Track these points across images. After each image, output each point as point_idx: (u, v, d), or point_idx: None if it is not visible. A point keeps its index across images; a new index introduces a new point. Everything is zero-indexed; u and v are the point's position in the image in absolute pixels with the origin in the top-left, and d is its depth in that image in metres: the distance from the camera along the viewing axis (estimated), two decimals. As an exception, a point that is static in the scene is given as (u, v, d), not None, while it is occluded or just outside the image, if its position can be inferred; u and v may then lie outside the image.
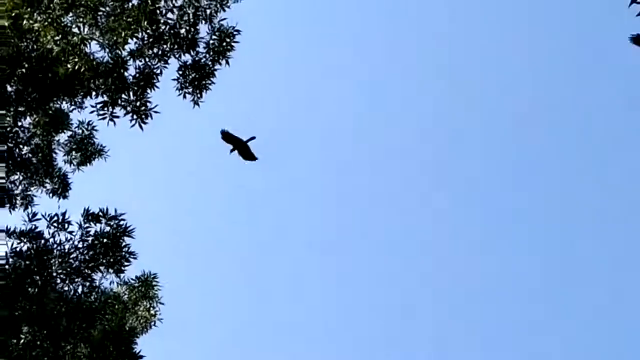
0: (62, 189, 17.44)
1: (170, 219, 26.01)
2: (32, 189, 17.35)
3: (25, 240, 14.78)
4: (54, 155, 17.44)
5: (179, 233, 25.44)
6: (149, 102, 15.43)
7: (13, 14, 15.04)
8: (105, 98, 15.51)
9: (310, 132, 27.01)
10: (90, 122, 17.52)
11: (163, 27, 15.23)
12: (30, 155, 17.19)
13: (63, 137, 17.58)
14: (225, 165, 25.99)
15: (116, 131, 15.59)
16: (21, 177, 17.17)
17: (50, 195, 17.39)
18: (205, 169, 26.39)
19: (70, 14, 15.27)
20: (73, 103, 16.88)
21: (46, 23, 15.17)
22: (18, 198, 17.16)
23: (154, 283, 16.48)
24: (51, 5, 15.02)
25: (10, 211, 16.92)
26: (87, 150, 17.62)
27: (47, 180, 17.40)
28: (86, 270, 14.84)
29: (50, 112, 17.03)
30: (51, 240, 14.84)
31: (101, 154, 17.69)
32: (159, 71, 15.44)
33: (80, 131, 17.56)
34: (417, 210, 26.65)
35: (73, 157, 17.60)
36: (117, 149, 17.82)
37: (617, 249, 25.63)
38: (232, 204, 26.32)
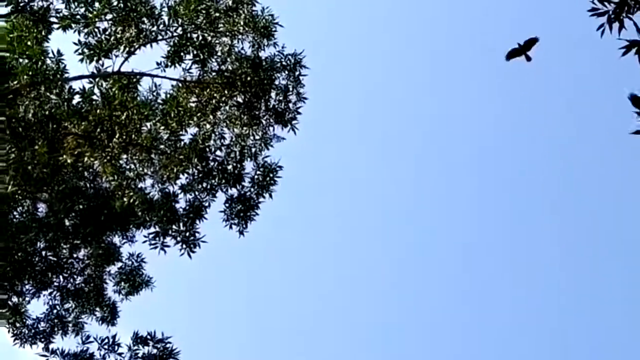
0: (111, 316, 18.34)
1: (215, 343, 26.75)
2: (83, 316, 18.26)
3: (77, 362, 15.64)
4: (104, 285, 18.43)
5: (224, 354, 26.11)
6: (198, 232, 16.65)
7: (75, 152, 16.36)
8: (157, 229, 16.74)
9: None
10: (140, 255, 18.46)
11: (212, 163, 16.63)
12: (82, 284, 18.22)
13: (113, 268, 18.56)
14: (268, 291, 27.02)
15: (166, 259, 16.74)
16: (74, 306, 18.12)
17: (100, 322, 18.28)
18: (250, 295, 27.29)
19: (127, 153, 16.72)
20: (124, 237, 18.05)
21: (105, 161, 16.59)
22: (70, 325, 18.08)
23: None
24: (110, 144, 16.41)
25: (62, 337, 17.82)
26: (135, 281, 18.53)
27: (97, 309, 18.30)
28: (134, 392, 15.64)
29: (103, 245, 18.14)
30: (102, 361, 15.70)
31: (148, 284, 18.60)
32: (207, 204, 16.72)
33: (129, 263, 18.50)
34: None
35: (122, 287, 18.51)
36: (166, 275, 18.79)
37: None
38: (274, 328, 27.05)
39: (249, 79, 16.42)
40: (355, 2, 25.85)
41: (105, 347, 15.97)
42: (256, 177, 16.77)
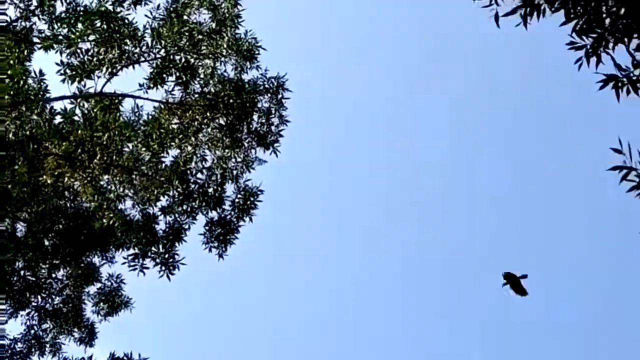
0: (89, 337, 18.27)
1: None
2: (60, 337, 18.19)
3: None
4: (83, 305, 18.37)
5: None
6: (177, 254, 16.63)
7: (56, 173, 16.31)
8: (137, 250, 16.71)
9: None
10: (119, 276, 18.40)
11: (193, 185, 16.62)
12: (61, 305, 18.15)
13: (93, 289, 18.50)
14: (246, 314, 26.99)
15: (144, 281, 16.70)
16: (51, 326, 18.04)
17: (78, 343, 18.22)
18: (228, 318, 27.26)
19: (108, 174, 16.69)
20: (104, 257, 18.02)
21: (85, 182, 16.56)
22: (47, 346, 18.00)
23: None
24: (91, 165, 16.38)
25: (39, 357, 17.74)
26: (114, 301, 18.47)
27: (76, 329, 18.24)
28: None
29: (82, 265, 18.08)
30: (78, 383, 15.63)
31: (127, 305, 18.53)
32: (187, 226, 16.70)
33: (109, 284, 18.44)
34: None
35: (101, 307, 18.45)
36: (145, 296, 18.74)
37: None
38: (253, 351, 26.99)
39: (231, 101, 16.43)
40: (337, 26, 25.95)
41: (81, 368, 15.91)
42: (237, 200, 16.79)
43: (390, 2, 24.05)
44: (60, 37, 15.82)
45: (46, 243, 17.44)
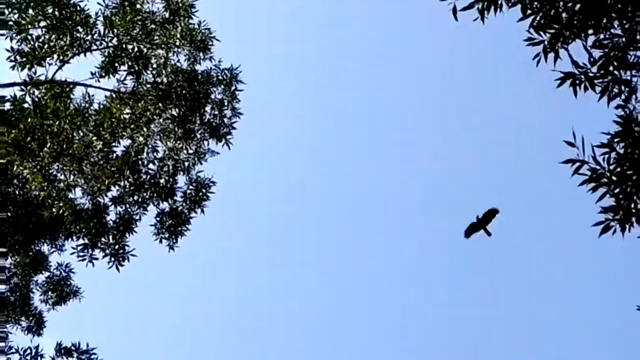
0: (37, 326, 18.08)
1: (141, 357, 26.60)
2: (7, 326, 17.96)
3: (-2, 374, 15.40)
4: (31, 294, 18.17)
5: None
6: (127, 245, 16.49)
7: (4, 160, 16.07)
8: (86, 241, 16.56)
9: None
10: (68, 265, 18.17)
11: (144, 176, 16.46)
12: (8, 293, 17.93)
13: (41, 277, 18.30)
14: (196, 306, 26.98)
15: (93, 271, 16.56)
16: (-2, 315, 17.82)
17: (25, 332, 18.03)
18: (178, 309, 27.19)
19: (58, 162, 16.48)
20: (53, 245, 17.81)
21: (35, 170, 16.35)
22: (-7, 335, 17.78)
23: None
24: (40, 153, 16.17)
25: (-16, 346, 17.50)
26: (63, 291, 18.27)
27: (23, 318, 18.05)
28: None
29: (31, 253, 17.88)
30: (24, 374, 15.47)
31: (76, 294, 18.34)
32: (138, 217, 16.56)
33: (58, 272, 18.24)
34: None
35: (49, 296, 18.25)
36: (94, 288, 18.61)
37: None
38: (205, 342, 26.96)
39: (184, 92, 16.29)
40: (292, 18, 25.84)
41: (28, 358, 15.73)
42: (189, 191, 16.68)
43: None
44: (11, 23, 15.55)
45: (-7, 231, 17.21)
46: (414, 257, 27.07)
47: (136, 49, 15.94)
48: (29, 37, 15.58)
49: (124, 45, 15.92)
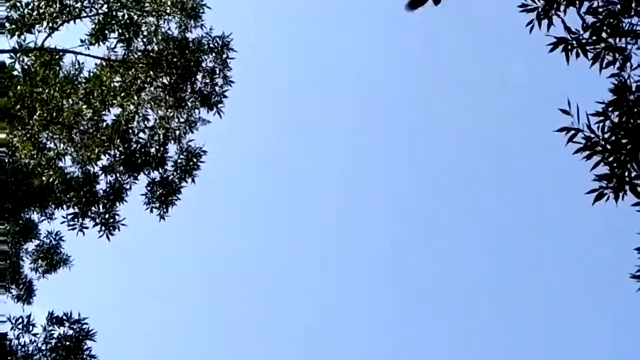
0: (27, 295, 18.04)
1: (132, 326, 26.65)
2: (-2, 294, 17.93)
3: (-10, 342, 15.34)
4: (21, 262, 18.10)
5: (140, 338, 26.02)
6: (118, 215, 16.44)
7: (-7, 129, 15.97)
8: (76, 210, 16.47)
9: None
10: (59, 233, 18.08)
11: (135, 145, 16.37)
12: (-1, 261, 17.87)
13: (31, 246, 18.23)
14: (187, 276, 27.03)
15: (84, 240, 16.51)
16: (-12, 283, 17.77)
17: (16, 301, 17.97)
18: (169, 279, 27.21)
19: (48, 131, 16.39)
20: (44, 214, 17.70)
21: (25, 138, 16.25)
22: (-16, 303, 17.74)
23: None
24: (30, 122, 16.07)
25: (-25, 315, 17.46)
26: (53, 259, 18.21)
27: (14, 287, 17.99)
28: (48, 373, 15.41)
29: (21, 221, 17.80)
30: (15, 342, 15.41)
31: (66, 263, 18.27)
32: (128, 186, 16.49)
33: (48, 241, 18.16)
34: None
35: (39, 265, 18.18)
36: (84, 257, 18.57)
37: None
38: (195, 310, 27.04)
39: (175, 60, 16.19)
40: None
41: (20, 327, 15.68)
42: (180, 161, 16.60)
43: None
44: (0, -10, 15.41)
45: (-18, 199, 17.12)
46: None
47: (127, 16, 15.85)
48: (19, 3, 15.50)
49: (114, 13, 15.82)
